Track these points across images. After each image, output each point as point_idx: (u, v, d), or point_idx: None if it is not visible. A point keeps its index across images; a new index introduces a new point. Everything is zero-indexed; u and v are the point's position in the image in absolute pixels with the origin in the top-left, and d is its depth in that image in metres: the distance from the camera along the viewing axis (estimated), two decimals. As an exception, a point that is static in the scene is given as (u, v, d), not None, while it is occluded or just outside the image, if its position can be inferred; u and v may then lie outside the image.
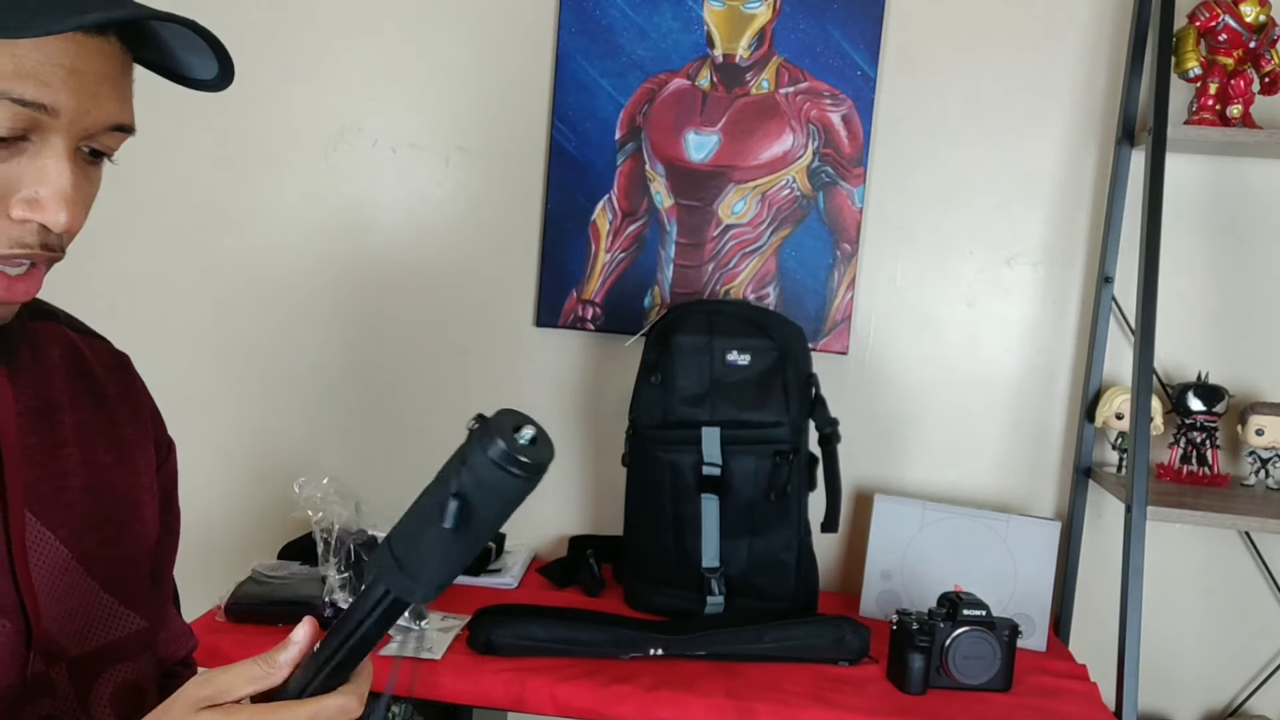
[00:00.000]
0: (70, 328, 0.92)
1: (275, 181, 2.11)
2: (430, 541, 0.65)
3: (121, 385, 0.94)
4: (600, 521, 2.10)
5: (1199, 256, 1.96)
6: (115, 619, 0.87)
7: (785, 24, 1.96)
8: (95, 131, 0.73)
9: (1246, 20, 1.78)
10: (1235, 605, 2.00)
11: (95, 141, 0.74)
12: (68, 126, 0.71)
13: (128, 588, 0.88)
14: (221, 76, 0.76)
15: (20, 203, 0.71)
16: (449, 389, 2.11)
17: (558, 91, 2.02)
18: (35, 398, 0.84)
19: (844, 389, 2.00)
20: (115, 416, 0.91)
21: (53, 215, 0.71)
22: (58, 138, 0.71)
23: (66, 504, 0.84)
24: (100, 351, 0.94)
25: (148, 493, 0.93)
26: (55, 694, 0.82)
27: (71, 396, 0.88)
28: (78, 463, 0.86)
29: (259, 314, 2.13)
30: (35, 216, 0.71)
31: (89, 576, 0.85)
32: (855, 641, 1.64)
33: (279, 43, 2.08)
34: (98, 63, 0.71)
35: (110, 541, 0.87)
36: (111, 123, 0.74)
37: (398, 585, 0.67)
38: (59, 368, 0.88)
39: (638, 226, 2.02)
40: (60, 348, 0.89)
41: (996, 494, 2.02)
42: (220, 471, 2.13)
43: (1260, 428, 1.87)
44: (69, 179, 0.71)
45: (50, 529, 0.82)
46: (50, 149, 0.71)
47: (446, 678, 1.53)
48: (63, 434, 0.85)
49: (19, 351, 0.84)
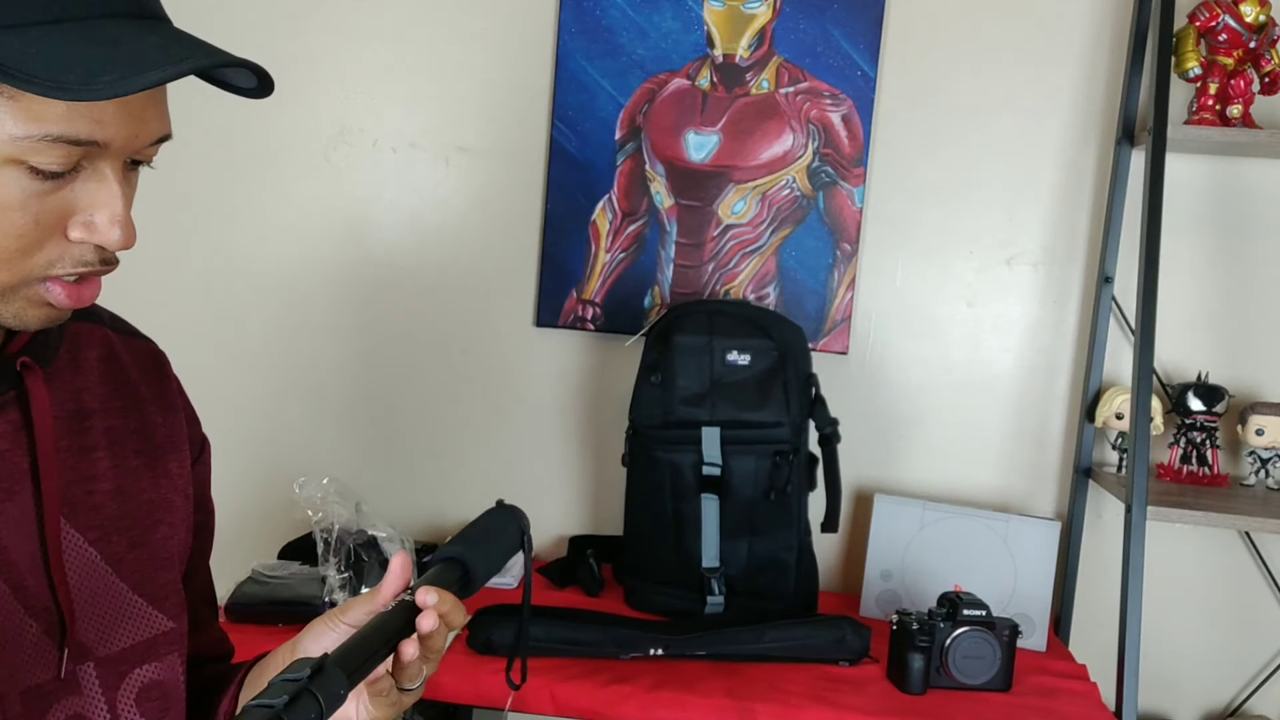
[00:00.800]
0: (113, 328, 0.94)
1: (275, 182, 2.11)
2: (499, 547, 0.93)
3: (157, 387, 0.96)
4: (600, 521, 2.10)
5: (1199, 256, 1.96)
6: (144, 619, 0.89)
7: (785, 24, 1.97)
8: (141, 149, 0.76)
9: (1246, 20, 1.78)
10: (1235, 605, 2.00)
11: (139, 155, 0.77)
12: (118, 153, 0.74)
13: (156, 589, 0.90)
14: (261, 88, 0.79)
15: (78, 225, 0.74)
16: (449, 389, 2.10)
17: (558, 91, 2.02)
18: (70, 401, 0.87)
19: (844, 389, 2.00)
20: (148, 420, 0.93)
21: (109, 236, 0.75)
22: (107, 164, 0.74)
23: (95, 506, 0.86)
24: (138, 353, 0.96)
25: (180, 495, 0.95)
26: (83, 693, 0.84)
27: (104, 401, 0.90)
28: (107, 466, 0.88)
29: (259, 314, 2.13)
30: (93, 239, 0.75)
31: (118, 578, 0.87)
32: (855, 641, 1.64)
33: (279, 43, 2.07)
34: (144, 92, 0.73)
35: (138, 543, 0.89)
36: (156, 138, 0.77)
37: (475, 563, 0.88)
38: (95, 370, 0.90)
39: (638, 226, 2.02)
40: (98, 350, 0.92)
41: (996, 494, 2.02)
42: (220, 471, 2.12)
43: (1260, 428, 1.87)
44: (121, 201, 0.75)
45: (80, 531, 0.84)
46: (101, 175, 0.74)
47: (446, 678, 1.53)
48: (94, 438, 0.87)
49: (58, 354, 0.87)
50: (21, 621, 0.80)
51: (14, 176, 0.70)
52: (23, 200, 0.71)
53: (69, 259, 0.75)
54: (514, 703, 1.52)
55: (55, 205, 0.73)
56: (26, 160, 0.70)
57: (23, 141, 0.69)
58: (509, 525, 0.95)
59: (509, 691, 1.51)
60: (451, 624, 0.82)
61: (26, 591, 0.80)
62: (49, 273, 0.75)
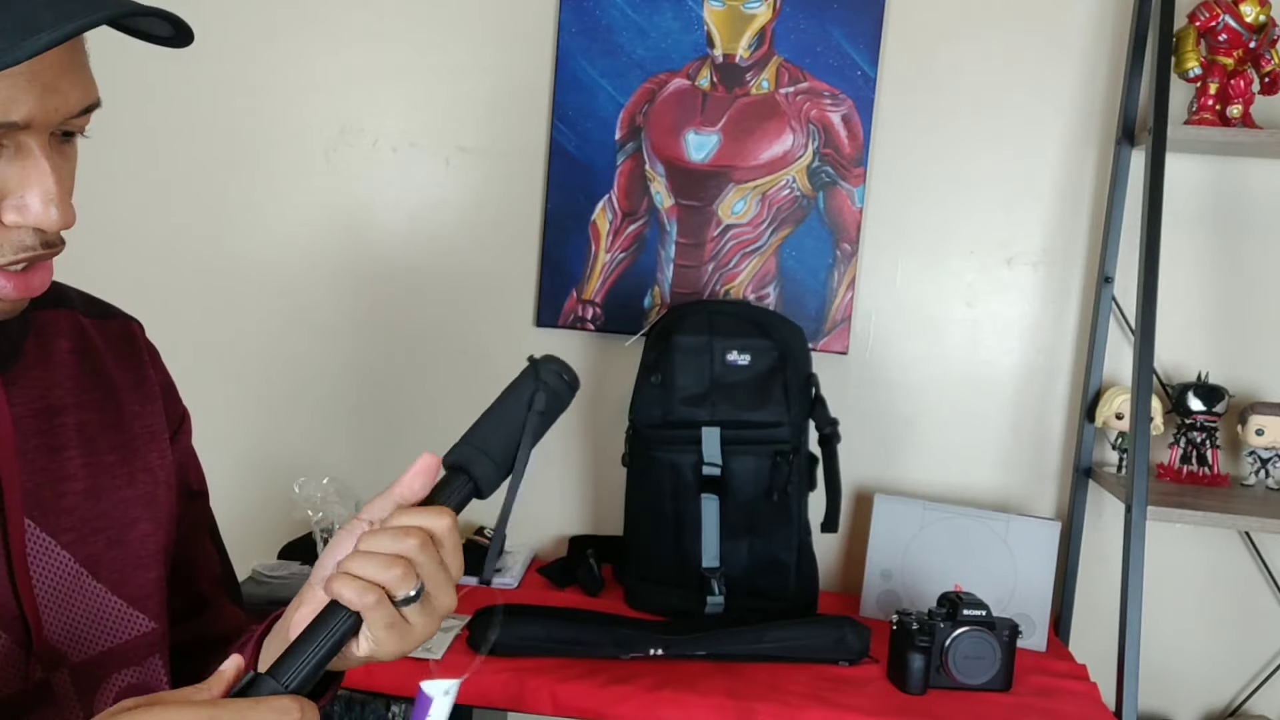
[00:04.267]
0: (84, 311, 0.91)
1: (275, 181, 2.11)
2: (510, 431, 0.80)
3: (133, 374, 0.92)
4: (600, 521, 2.10)
5: (1199, 256, 1.96)
6: (123, 621, 0.86)
7: (785, 24, 1.96)
8: (65, 121, 0.72)
9: (1246, 20, 1.78)
10: (1235, 605, 2.00)
11: (67, 126, 0.73)
12: (40, 128, 0.70)
13: (136, 589, 0.87)
14: (179, 36, 0.73)
15: (10, 209, 0.71)
16: (449, 389, 2.10)
17: (558, 91, 2.01)
18: (38, 399, 0.83)
19: (844, 389, 2.00)
20: (124, 411, 0.90)
21: (44, 217, 0.71)
22: (31, 139, 0.70)
23: (68, 508, 0.83)
24: (112, 337, 0.93)
25: (162, 487, 0.92)
26: (57, 701, 0.81)
27: (77, 395, 0.86)
28: (79, 465, 0.85)
29: (258, 314, 2.13)
30: (28, 221, 0.71)
31: (95, 579, 0.84)
32: (855, 641, 1.64)
33: (279, 43, 2.07)
34: (53, 58, 0.68)
35: (115, 542, 0.86)
36: (79, 108, 0.72)
37: (480, 468, 0.78)
38: (66, 363, 0.87)
39: (638, 226, 2.02)
40: (70, 339, 0.88)
41: (996, 494, 2.02)
42: (220, 471, 2.12)
43: (1260, 428, 1.87)
44: (51, 177, 0.71)
45: (51, 535, 0.81)
46: (25, 152, 0.70)
47: (446, 677, 1.52)
48: (64, 436, 0.84)
49: (21, 352, 0.83)
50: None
51: None
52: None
53: (8, 246, 0.71)
54: (514, 702, 1.52)
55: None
56: None
57: None
58: (527, 392, 0.81)
59: (509, 691, 1.51)
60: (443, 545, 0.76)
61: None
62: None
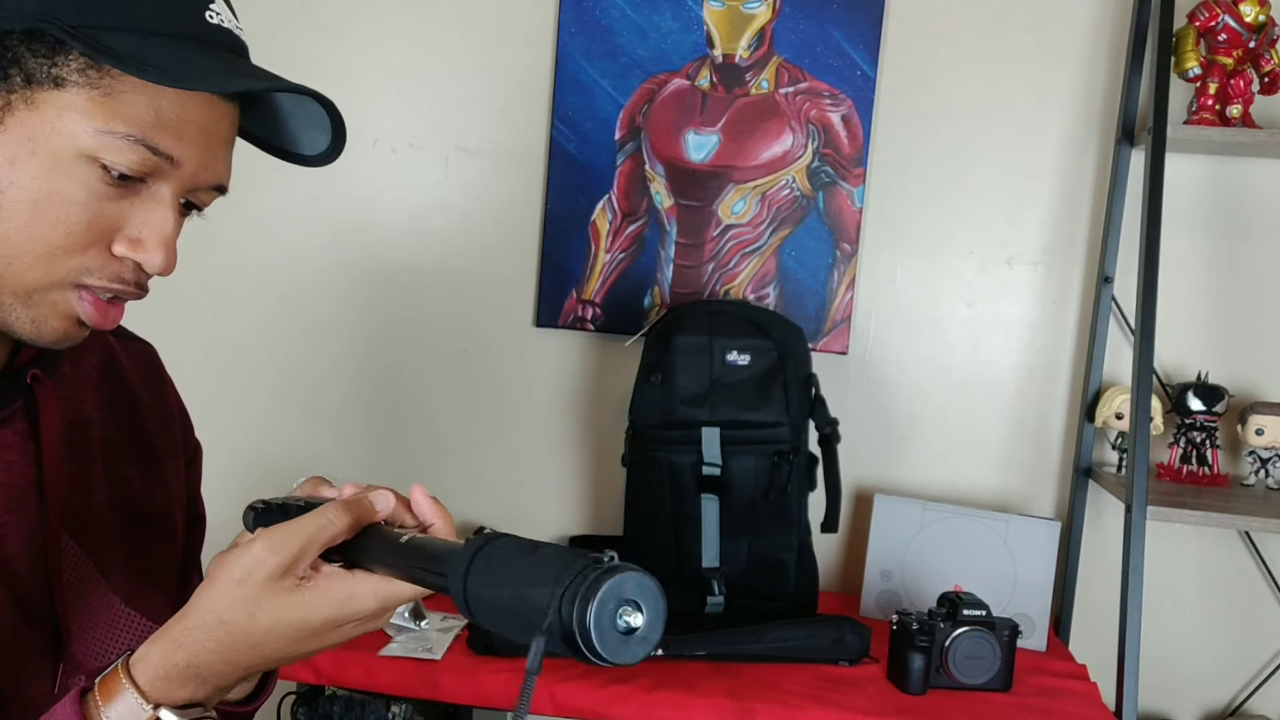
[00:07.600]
0: (111, 331, 0.92)
1: (275, 182, 2.11)
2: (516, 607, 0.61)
3: (155, 393, 0.96)
4: (600, 521, 2.10)
5: (1199, 256, 1.96)
6: (136, 632, 0.88)
7: (785, 24, 1.96)
8: (201, 187, 0.78)
9: (1246, 20, 1.78)
10: (1235, 605, 2.00)
11: (195, 196, 0.78)
12: (183, 179, 0.75)
13: (149, 601, 0.89)
14: (330, 150, 0.82)
15: (124, 240, 0.75)
16: (449, 389, 2.10)
17: (558, 91, 2.01)
18: (70, 411, 0.86)
19: (844, 389, 2.00)
20: (146, 428, 0.93)
21: (153, 256, 0.75)
22: (169, 187, 0.75)
23: (93, 518, 0.85)
24: (136, 357, 0.96)
25: (177, 503, 0.95)
26: None
27: (102, 409, 0.89)
28: (103, 477, 0.87)
29: (258, 315, 2.13)
30: (136, 255, 0.75)
31: (111, 590, 0.86)
32: (855, 641, 1.64)
33: (278, 43, 2.07)
34: (224, 127, 0.78)
35: (132, 556, 0.88)
36: (217, 182, 0.79)
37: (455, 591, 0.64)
38: (93, 379, 0.90)
39: (638, 227, 2.02)
40: (97, 357, 0.91)
41: (996, 494, 2.02)
42: (219, 472, 2.12)
43: (1260, 427, 1.87)
44: (172, 225, 0.76)
45: (79, 543, 0.84)
46: (160, 196, 0.75)
47: (446, 678, 1.53)
48: (92, 449, 0.87)
49: (61, 364, 0.86)
50: (22, 633, 0.79)
51: (84, 171, 0.71)
52: (85, 198, 0.72)
53: (107, 271, 0.75)
54: (514, 702, 1.52)
55: (111, 213, 0.73)
56: (101, 157, 0.71)
57: (105, 137, 0.70)
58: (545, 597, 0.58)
59: (509, 691, 1.51)
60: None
61: (28, 604, 0.79)
62: (81, 279, 0.74)
